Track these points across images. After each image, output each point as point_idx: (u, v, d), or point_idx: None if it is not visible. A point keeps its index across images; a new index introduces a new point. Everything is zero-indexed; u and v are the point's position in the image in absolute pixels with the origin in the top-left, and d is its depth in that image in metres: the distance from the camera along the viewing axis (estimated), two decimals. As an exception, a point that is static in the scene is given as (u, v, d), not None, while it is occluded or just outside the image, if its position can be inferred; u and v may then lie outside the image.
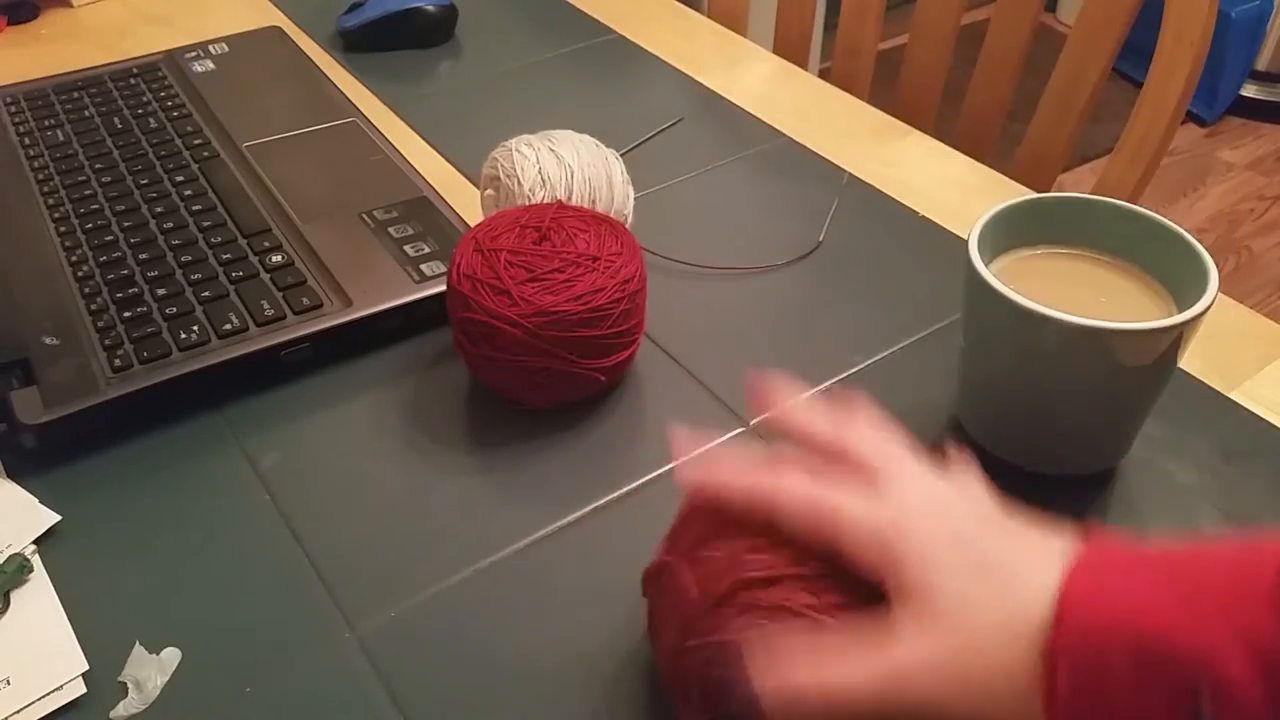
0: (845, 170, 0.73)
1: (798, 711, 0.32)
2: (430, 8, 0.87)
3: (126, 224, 0.64)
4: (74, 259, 0.61)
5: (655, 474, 0.51)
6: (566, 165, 0.58)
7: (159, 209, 0.65)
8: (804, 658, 0.32)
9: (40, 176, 0.69)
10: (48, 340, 0.55)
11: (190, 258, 0.61)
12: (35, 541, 0.48)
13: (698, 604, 0.36)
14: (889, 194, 0.70)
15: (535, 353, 0.49)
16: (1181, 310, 0.44)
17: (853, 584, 0.34)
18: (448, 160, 0.74)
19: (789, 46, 1.05)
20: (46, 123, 0.75)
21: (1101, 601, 0.29)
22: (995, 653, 0.30)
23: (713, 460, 0.38)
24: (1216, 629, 0.26)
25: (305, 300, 0.57)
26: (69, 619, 0.44)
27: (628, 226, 0.61)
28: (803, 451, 0.38)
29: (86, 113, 0.76)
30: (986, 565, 0.32)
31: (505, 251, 0.50)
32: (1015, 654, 0.29)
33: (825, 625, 0.33)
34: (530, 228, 0.51)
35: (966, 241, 0.46)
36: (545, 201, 0.57)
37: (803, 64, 0.95)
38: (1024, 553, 0.32)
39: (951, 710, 0.30)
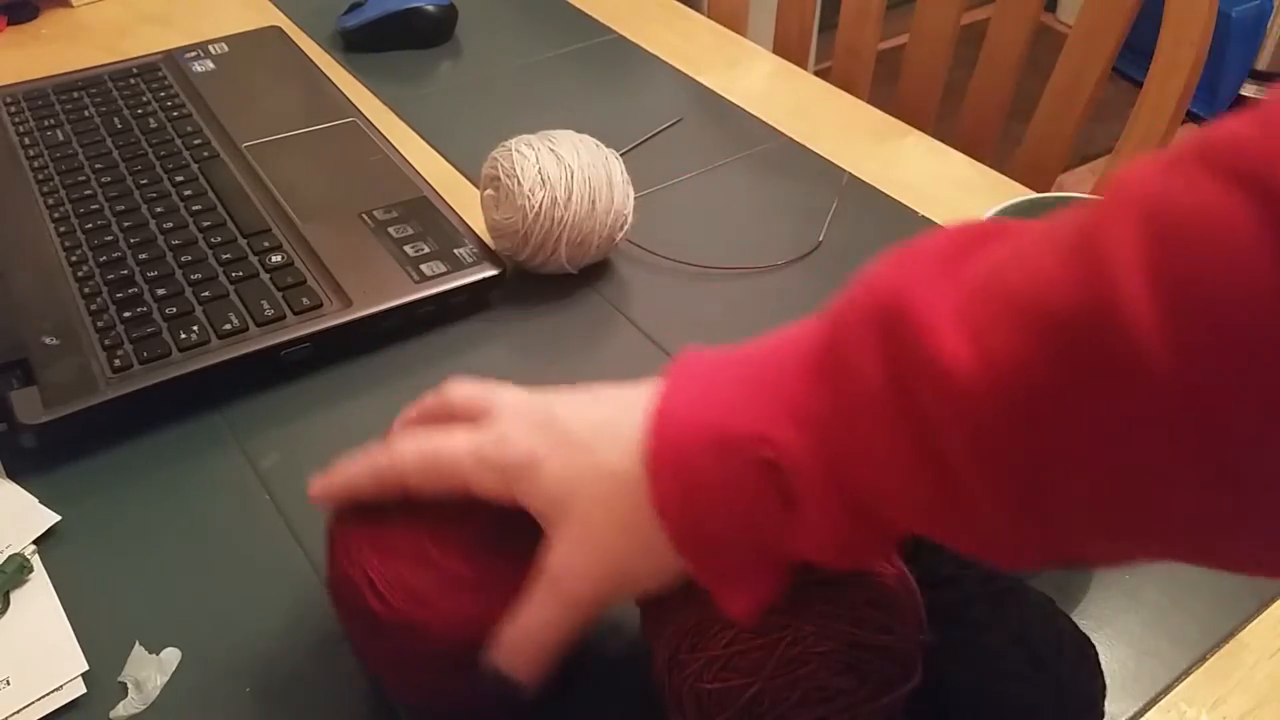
0: (845, 170, 0.73)
1: (525, 661, 0.34)
2: (430, 8, 0.87)
3: (126, 224, 0.64)
4: (74, 259, 0.61)
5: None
6: (566, 165, 0.58)
7: (159, 209, 0.65)
8: (506, 622, 0.35)
9: (40, 176, 0.69)
10: (48, 340, 0.55)
11: (190, 258, 0.61)
12: (35, 541, 0.48)
13: (685, 619, 0.36)
14: (889, 194, 0.70)
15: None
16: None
17: (836, 584, 0.35)
18: (448, 160, 0.74)
19: (789, 46, 1.05)
20: (46, 123, 0.75)
21: (683, 412, 0.32)
22: (616, 509, 0.33)
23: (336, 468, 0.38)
24: (767, 406, 0.31)
25: (305, 300, 0.57)
26: (69, 619, 0.44)
27: (627, 226, 0.61)
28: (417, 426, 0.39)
29: (86, 113, 0.76)
30: (573, 440, 0.34)
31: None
32: (630, 497, 0.32)
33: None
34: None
35: (966, 241, 0.46)
36: (544, 204, 0.57)
37: (803, 64, 0.95)
38: (610, 408, 0.35)
39: (625, 581, 0.34)
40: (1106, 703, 0.39)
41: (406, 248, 0.61)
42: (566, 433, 0.35)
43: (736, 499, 0.31)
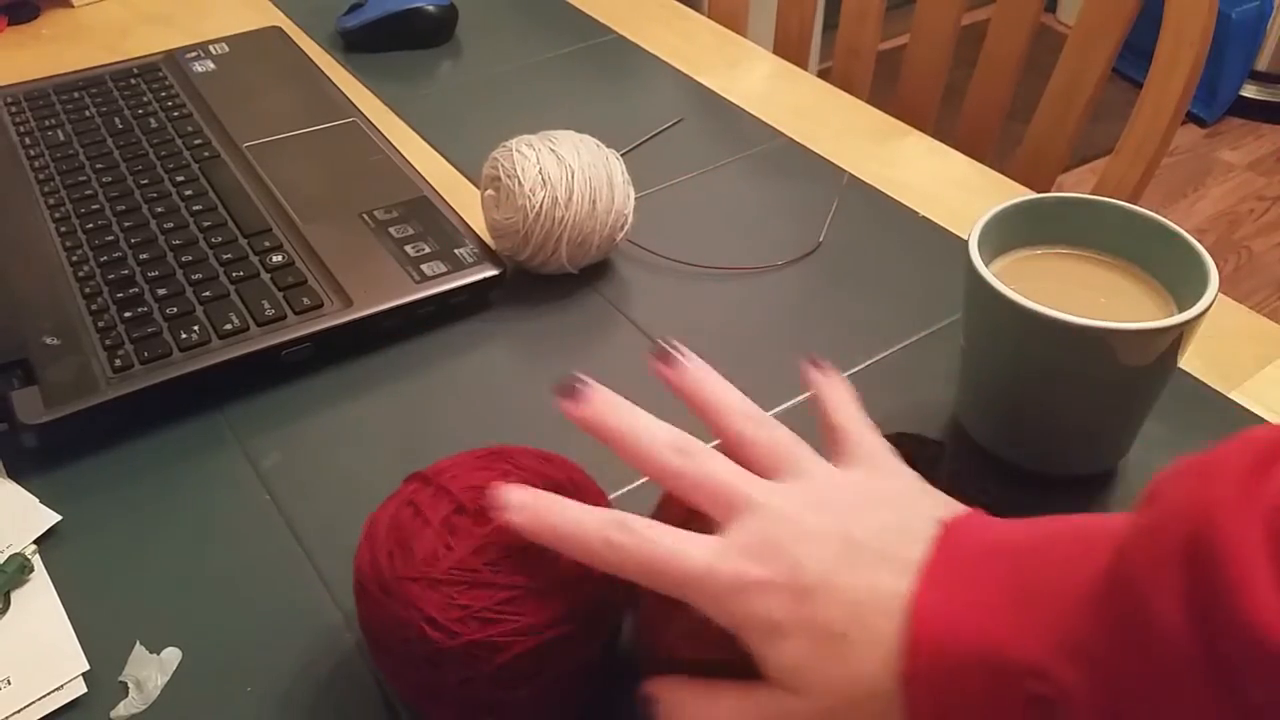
0: (845, 170, 0.73)
1: None
2: (430, 8, 0.87)
3: (127, 224, 0.64)
4: (74, 259, 0.61)
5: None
6: (567, 165, 0.58)
7: (159, 209, 0.65)
8: (692, 704, 0.33)
9: (41, 176, 0.69)
10: (48, 340, 0.55)
11: (191, 258, 0.61)
12: (36, 541, 0.48)
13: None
14: (889, 194, 0.70)
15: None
16: (1181, 310, 0.44)
17: None
18: (448, 160, 0.74)
19: (789, 46, 1.05)
20: (47, 123, 0.75)
21: (946, 617, 0.29)
22: (860, 710, 0.30)
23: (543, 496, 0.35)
24: (1046, 636, 0.27)
25: (305, 300, 0.57)
26: (69, 619, 0.44)
27: (627, 226, 0.61)
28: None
29: (87, 113, 0.76)
30: (825, 626, 0.31)
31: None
32: (878, 704, 0.30)
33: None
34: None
35: (966, 241, 0.46)
36: (545, 204, 0.57)
37: (803, 64, 0.95)
38: (872, 571, 0.32)
39: None
40: None
41: (407, 248, 0.61)
42: (816, 611, 0.31)
43: None
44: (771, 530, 0.33)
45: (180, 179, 0.68)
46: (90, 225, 0.64)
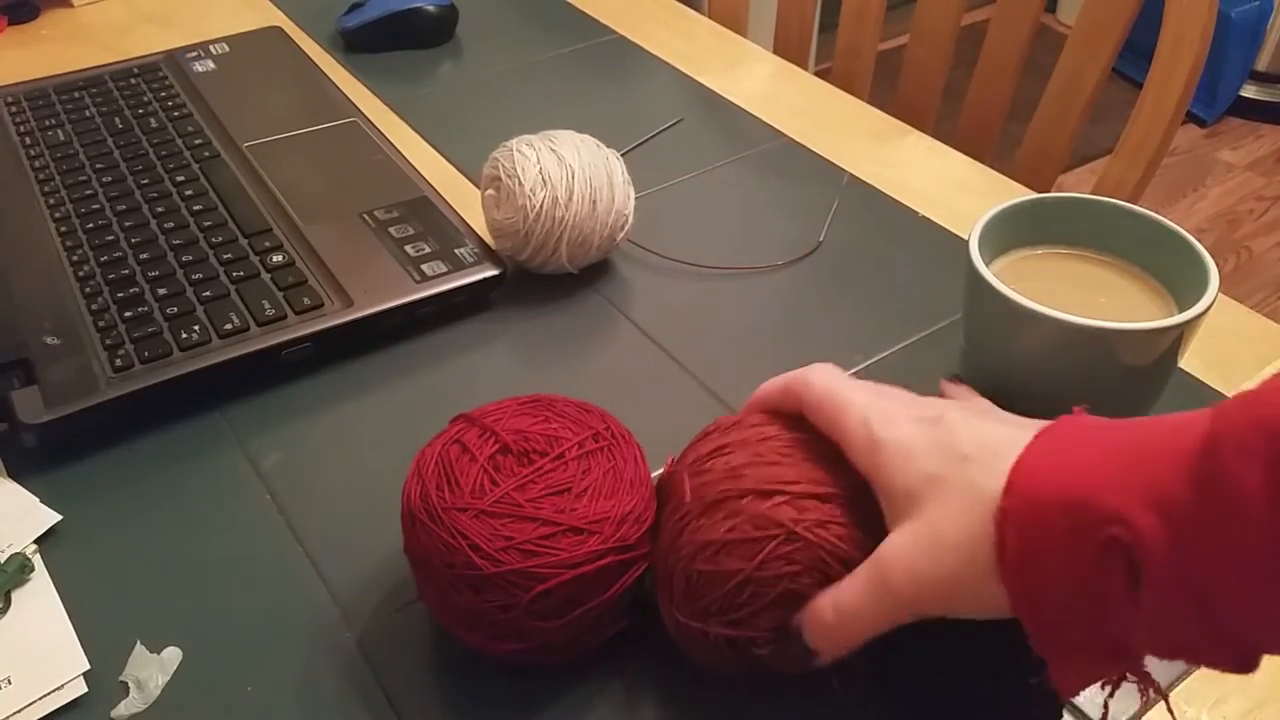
0: (845, 170, 0.73)
1: (830, 637, 0.36)
2: (430, 8, 0.87)
3: (127, 224, 0.64)
4: (75, 259, 0.61)
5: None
6: (567, 165, 0.58)
7: (159, 209, 0.65)
8: (826, 592, 0.36)
9: (41, 176, 0.69)
10: (48, 340, 0.55)
11: (191, 257, 0.61)
12: (36, 541, 0.48)
13: (690, 508, 0.38)
14: (889, 194, 0.70)
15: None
16: (1181, 310, 0.44)
17: (838, 503, 0.37)
18: (448, 160, 0.74)
19: (789, 46, 1.05)
20: (47, 123, 0.75)
21: (1047, 472, 0.32)
22: (967, 529, 0.33)
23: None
24: (1132, 490, 0.30)
25: (306, 300, 0.57)
26: (70, 618, 0.44)
27: (628, 226, 0.61)
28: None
29: (87, 113, 0.76)
30: (955, 446, 0.35)
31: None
32: (977, 526, 0.33)
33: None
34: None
35: (966, 241, 0.46)
36: (545, 204, 0.57)
37: (803, 64, 0.95)
38: (998, 431, 0.35)
39: (948, 597, 0.34)
40: (1110, 702, 0.39)
41: (407, 248, 0.62)
42: (951, 435, 0.35)
43: (1079, 568, 0.31)
44: (901, 396, 0.39)
45: (180, 179, 0.68)
46: (90, 225, 0.64)
